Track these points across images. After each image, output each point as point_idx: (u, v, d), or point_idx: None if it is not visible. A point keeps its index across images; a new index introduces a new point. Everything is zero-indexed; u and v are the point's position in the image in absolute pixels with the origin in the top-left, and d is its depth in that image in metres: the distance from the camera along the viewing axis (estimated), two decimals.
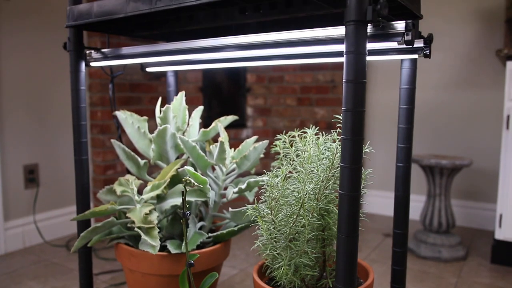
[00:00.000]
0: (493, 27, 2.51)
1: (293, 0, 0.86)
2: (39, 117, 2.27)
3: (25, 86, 2.20)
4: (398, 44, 0.72)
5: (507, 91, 1.91)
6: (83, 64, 1.13)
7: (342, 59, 0.67)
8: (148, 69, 1.31)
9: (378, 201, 2.84)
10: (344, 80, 0.66)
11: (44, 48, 2.27)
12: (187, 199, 1.06)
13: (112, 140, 1.20)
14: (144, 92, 2.60)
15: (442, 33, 2.61)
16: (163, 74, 2.67)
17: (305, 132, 0.93)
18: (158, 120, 1.14)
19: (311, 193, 0.82)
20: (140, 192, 1.11)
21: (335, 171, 0.84)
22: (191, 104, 2.75)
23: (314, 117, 2.96)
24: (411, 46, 0.82)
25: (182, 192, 0.89)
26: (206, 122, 2.69)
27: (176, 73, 1.38)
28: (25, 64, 2.21)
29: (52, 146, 2.33)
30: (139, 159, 1.16)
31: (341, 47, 0.67)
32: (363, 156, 0.70)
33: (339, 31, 0.74)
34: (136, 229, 1.00)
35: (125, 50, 1.08)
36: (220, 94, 3.16)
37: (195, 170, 1.10)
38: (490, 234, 2.40)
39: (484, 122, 2.55)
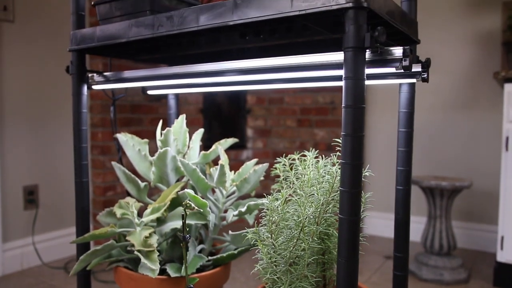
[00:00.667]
0: (490, 49, 2.54)
1: (293, 26, 0.88)
2: (41, 138, 2.27)
3: (26, 107, 2.22)
4: (396, 69, 0.73)
5: (506, 113, 1.92)
6: (85, 87, 1.14)
7: (341, 83, 0.67)
8: (149, 92, 1.33)
9: (378, 223, 2.83)
10: (343, 105, 0.67)
11: (46, 70, 2.29)
12: (187, 222, 1.06)
13: (113, 163, 1.21)
14: (145, 114, 2.61)
15: (440, 56, 2.64)
16: (164, 96, 2.69)
17: (305, 155, 0.94)
18: (159, 143, 1.15)
19: (311, 217, 0.82)
20: (140, 214, 1.11)
21: (335, 195, 0.84)
22: (191, 125, 2.77)
23: (314, 138, 2.97)
24: (409, 71, 0.83)
25: (182, 215, 0.89)
26: (206, 143, 2.70)
27: (177, 96, 1.40)
28: (27, 85, 2.23)
29: (53, 167, 2.33)
30: (139, 181, 1.17)
31: (340, 72, 0.68)
32: (363, 179, 0.70)
33: (338, 56, 0.75)
34: (135, 252, 1.00)
35: (127, 73, 1.09)
36: (221, 116, 3.18)
37: (195, 192, 1.10)
38: (492, 256, 2.39)
39: (484, 143, 2.56)
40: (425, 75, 0.88)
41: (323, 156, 0.93)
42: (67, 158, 2.37)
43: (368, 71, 0.77)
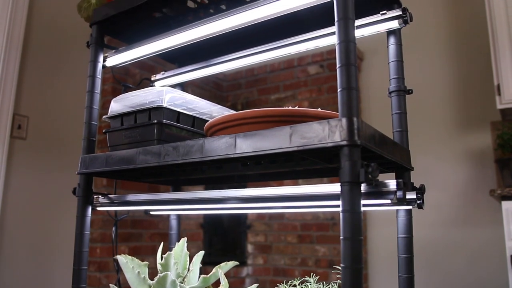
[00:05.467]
0: (484, 166, 2.61)
1: (292, 157, 0.93)
2: (39, 260, 2.24)
3: (27, 226, 2.22)
4: (391, 201, 0.77)
5: (506, 231, 1.92)
6: (90, 209, 1.17)
7: (339, 209, 0.70)
8: (152, 212, 1.35)
9: None
10: (341, 237, 0.69)
11: (50, 188, 2.34)
12: None
13: (111, 285, 1.19)
14: (145, 229, 2.60)
15: (436, 172, 2.71)
16: None
17: (306, 281, 0.93)
18: (159, 267, 1.14)
19: None
20: None
21: None
22: (191, 241, 2.74)
23: (316, 254, 2.92)
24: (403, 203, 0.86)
25: None
26: (206, 259, 2.65)
27: (178, 216, 1.42)
28: (31, 203, 2.25)
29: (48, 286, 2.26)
30: None
31: (338, 202, 0.71)
32: None
33: (335, 187, 0.79)
34: None
35: (131, 197, 1.12)
36: (221, 231, 3.16)
37: None
38: None
39: (487, 260, 2.51)
40: (421, 202, 0.91)
41: (324, 282, 0.92)
42: (65, 276, 2.32)
43: (364, 202, 0.81)
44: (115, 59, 1.27)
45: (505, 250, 2.32)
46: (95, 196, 1.20)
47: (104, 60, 1.26)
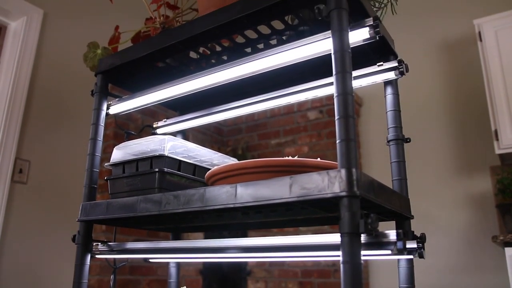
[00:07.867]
0: (485, 211, 2.60)
1: (292, 207, 0.93)
2: None
3: (25, 271, 2.19)
4: (392, 252, 0.76)
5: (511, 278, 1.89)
6: (88, 257, 1.16)
7: (340, 258, 0.70)
8: (152, 260, 1.34)
9: None
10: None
11: (49, 234, 2.32)
12: None
13: None
14: (143, 275, 2.56)
15: (437, 217, 2.69)
16: None
17: None
18: None
19: None
20: None
21: None
22: (190, 287, 2.69)
23: None
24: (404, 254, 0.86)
25: None
26: None
27: (178, 263, 1.40)
28: (29, 247, 2.23)
29: None
30: None
31: (338, 252, 0.71)
32: None
33: (335, 238, 0.79)
34: None
35: (130, 245, 1.12)
36: (221, 277, 3.10)
37: None
38: None
39: None
40: (421, 251, 0.91)
41: None
42: None
43: (364, 252, 0.81)
44: (119, 107, 1.30)
45: None
46: (94, 244, 1.19)
47: (108, 108, 1.29)
